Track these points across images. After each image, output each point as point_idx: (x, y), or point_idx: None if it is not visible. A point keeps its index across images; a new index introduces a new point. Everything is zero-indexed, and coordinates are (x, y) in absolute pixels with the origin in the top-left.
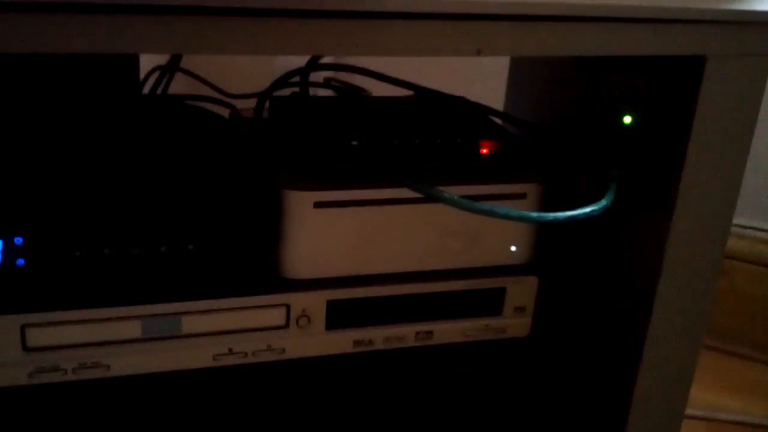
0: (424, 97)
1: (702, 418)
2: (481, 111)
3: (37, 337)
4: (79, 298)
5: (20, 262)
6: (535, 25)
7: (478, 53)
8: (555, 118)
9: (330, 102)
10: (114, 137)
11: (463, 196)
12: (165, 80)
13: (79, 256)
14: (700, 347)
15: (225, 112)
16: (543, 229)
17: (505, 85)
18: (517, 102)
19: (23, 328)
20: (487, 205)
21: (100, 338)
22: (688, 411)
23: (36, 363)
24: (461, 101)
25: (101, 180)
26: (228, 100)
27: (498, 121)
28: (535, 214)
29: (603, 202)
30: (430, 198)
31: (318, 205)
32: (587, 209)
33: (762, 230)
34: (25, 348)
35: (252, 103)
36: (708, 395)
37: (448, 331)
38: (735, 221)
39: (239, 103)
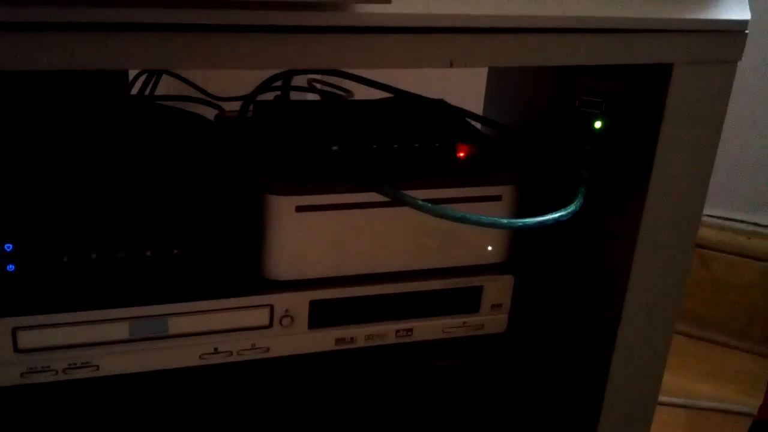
0: (404, 99)
1: (682, 406)
2: (459, 114)
3: (28, 339)
4: (68, 301)
5: (11, 267)
6: (506, 37)
7: (451, 65)
8: (531, 121)
9: (312, 106)
10: (100, 141)
11: (440, 199)
12: (152, 82)
13: (67, 261)
14: (671, 337)
15: (212, 114)
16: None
17: (484, 87)
18: (495, 104)
19: (14, 331)
20: (459, 212)
21: (89, 339)
22: (669, 399)
23: (27, 364)
24: (440, 104)
25: (88, 186)
26: (215, 101)
27: (476, 123)
28: (505, 221)
29: (571, 207)
30: (406, 204)
31: (300, 209)
32: (556, 215)
33: (741, 222)
34: (17, 349)
35: (238, 104)
36: (689, 383)
37: (427, 329)
38: (715, 213)
39: (227, 105)
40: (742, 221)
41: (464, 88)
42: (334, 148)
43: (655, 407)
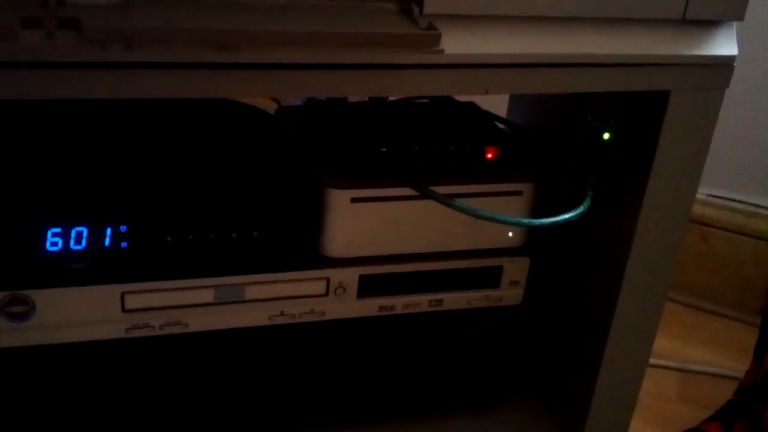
0: (438, 102)
1: (676, 369)
2: (487, 117)
3: (133, 301)
4: (167, 272)
5: (124, 244)
6: (530, 70)
7: (486, 92)
8: (547, 125)
9: (357, 107)
10: (186, 139)
11: (468, 193)
12: None
13: (169, 241)
14: (662, 308)
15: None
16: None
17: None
18: (517, 108)
19: (123, 295)
20: (488, 212)
21: (182, 302)
22: (665, 362)
23: (131, 321)
24: (470, 107)
25: (185, 179)
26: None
27: (500, 125)
28: (525, 220)
29: (580, 209)
30: (447, 205)
31: (354, 200)
32: (567, 215)
33: (741, 202)
34: (124, 310)
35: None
36: (684, 348)
37: (455, 300)
38: (716, 193)
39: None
40: (742, 201)
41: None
42: (383, 149)
43: (646, 367)
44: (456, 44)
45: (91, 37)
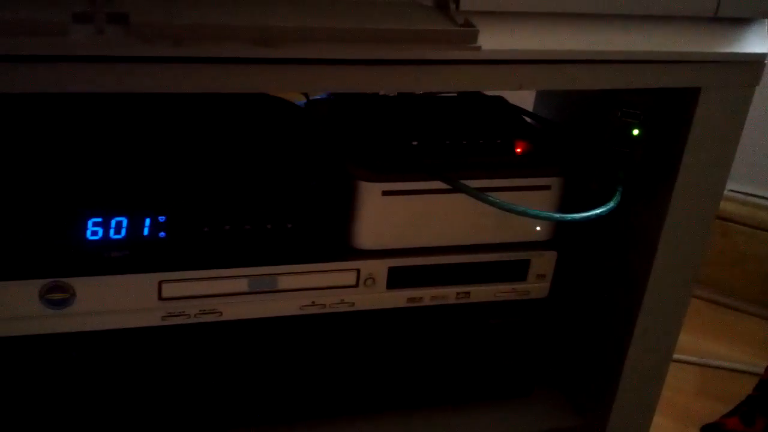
0: (466, 96)
1: (696, 364)
2: (515, 111)
3: (169, 289)
4: (203, 261)
5: (162, 234)
6: (563, 66)
7: (520, 87)
8: (575, 121)
9: (386, 101)
10: (223, 132)
11: (498, 187)
12: None
13: (206, 231)
14: (688, 304)
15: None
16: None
17: None
18: (544, 101)
19: (160, 283)
20: (521, 207)
21: (217, 291)
22: (685, 357)
23: (167, 309)
24: (498, 101)
25: (222, 171)
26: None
27: (528, 119)
28: (558, 215)
29: (611, 204)
30: (479, 199)
31: (385, 193)
32: (597, 211)
33: (760, 197)
34: (161, 298)
35: None
36: (704, 343)
37: (482, 292)
38: (738, 189)
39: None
40: (763, 197)
41: None
42: (414, 143)
43: (669, 363)
44: (491, 40)
45: (139, 33)
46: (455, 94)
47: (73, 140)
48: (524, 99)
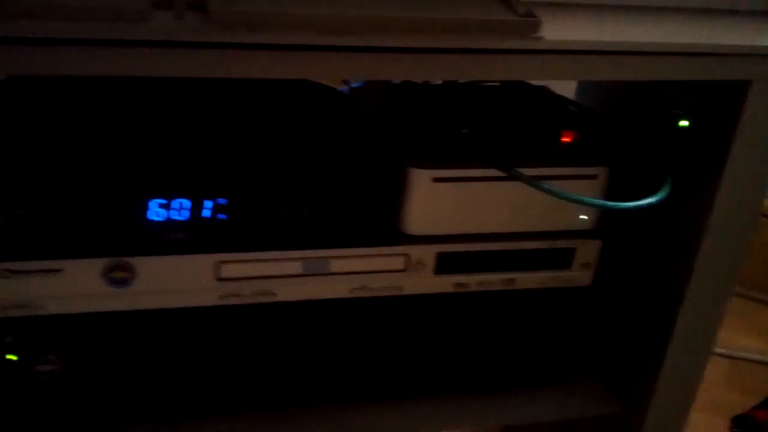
0: (511, 85)
1: (726, 356)
2: (560, 101)
3: (227, 270)
4: (260, 243)
5: (222, 216)
6: (618, 58)
7: (575, 78)
8: (618, 111)
9: (432, 88)
10: (277, 119)
11: (545, 176)
12: None
13: (264, 214)
14: (730, 298)
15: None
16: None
17: None
18: (586, 92)
19: (218, 264)
20: (575, 195)
21: (272, 273)
22: (716, 349)
23: (224, 289)
24: (543, 91)
25: (280, 156)
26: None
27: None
28: (611, 203)
29: (662, 194)
30: (534, 187)
31: (436, 180)
32: (650, 200)
33: None
34: (218, 278)
35: None
36: (732, 336)
37: (527, 279)
38: None
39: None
40: None
41: None
42: (464, 131)
43: (709, 356)
44: (549, 30)
45: (216, 20)
46: (499, 83)
47: (139, 126)
48: (565, 88)
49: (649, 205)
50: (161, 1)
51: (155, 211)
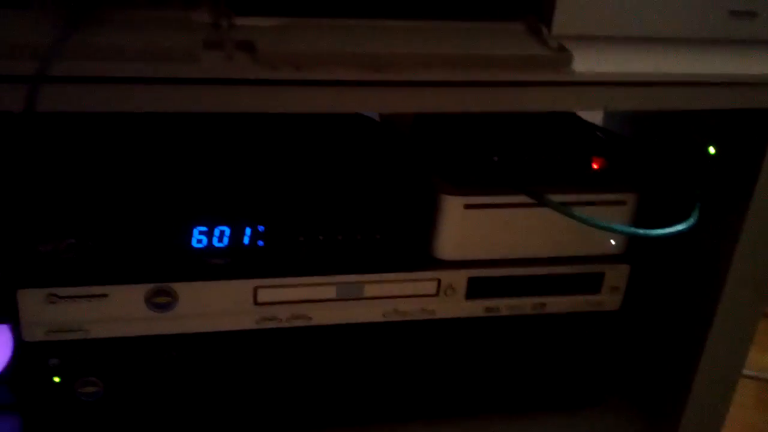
0: (539, 113)
1: (753, 377)
2: (589, 128)
3: (264, 295)
4: (296, 269)
5: (260, 243)
6: (647, 89)
7: (605, 108)
8: (648, 138)
9: (464, 116)
10: (311, 148)
11: (574, 202)
12: None
13: (301, 241)
14: (759, 321)
15: None
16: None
17: None
18: (614, 118)
19: (256, 289)
20: (604, 222)
21: (307, 297)
22: (743, 371)
23: (261, 314)
24: (572, 117)
25: (315, 185)
26: None
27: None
28: (642, 231)
29: (690, 220)
30: (566, 214)
31: (467, 206)
32: (679, 227)
33: None
34: (256, 303)
35: None
36: (761, 357)
37: (557, 303)
38: None
39: None
40: None
41: None
42: (495, 158)
43: (739, 379)
44: (580, 63)
45: (265, 60)
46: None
47: (182, 156)
48: (593, 114)
49: (678, 233)
50: (211, 42)
51: (197, 238)
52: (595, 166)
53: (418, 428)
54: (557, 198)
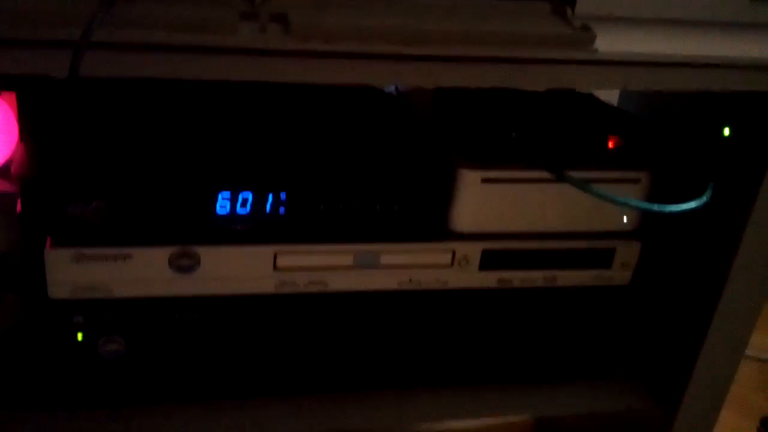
0: (557, 92)
1: (755, 359)
2: (605, 108)
3: (283, 260)
4: (317, 236)
5: (282, 210)
6: (666, 69)
7: (624, 88)
8: (663, 118)
9: (483, 93)
10: (333, 120)
11: (590, 179)
12: None
13: (322, 209)
14: (764, 302)
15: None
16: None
17: None
18: (629, 98)
19: (275, 254)
20: (621, 198)
21: (325, 264)
22: (746, 352)
23: (280, 278)
24: (589, 97)
25: (338, 155)
26: None
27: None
28: (656, 206)
29: (704, 198)
30: (584, 190)
31: (484, 180)
32: (692, 204)
33: None
34: (275, 268)
35: None
36: (762, 338)
37: (568, 277)
38: None
39: None
40: None
41: None
42: (513, 134)
43: (741, 359)
44: (602, 42)
45: (297, 32)
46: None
47: (210, 125)
48: (608, 94)
49: (692, 210)
50: (247, 13)
51: (221, 204)
52: (610, 145)
53: (427, 394)
54: (573, 175)
